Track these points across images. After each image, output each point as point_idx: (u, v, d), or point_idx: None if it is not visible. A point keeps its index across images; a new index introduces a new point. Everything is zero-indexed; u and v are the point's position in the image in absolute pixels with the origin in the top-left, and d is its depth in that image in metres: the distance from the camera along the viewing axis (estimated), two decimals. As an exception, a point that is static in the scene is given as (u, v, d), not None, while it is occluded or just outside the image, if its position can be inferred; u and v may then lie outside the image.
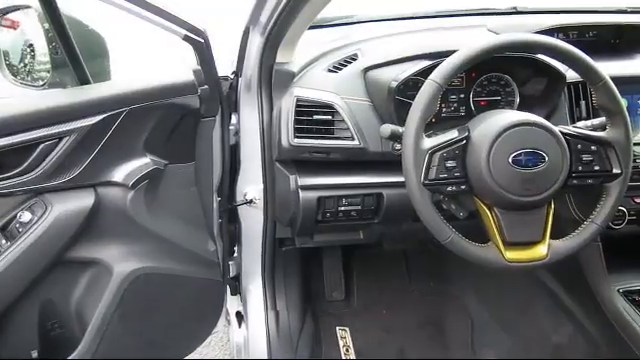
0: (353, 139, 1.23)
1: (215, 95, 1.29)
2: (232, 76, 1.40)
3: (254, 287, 1.55)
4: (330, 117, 1.23)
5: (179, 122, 1.27)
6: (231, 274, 1.60)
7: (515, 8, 1.63)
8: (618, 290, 1.34)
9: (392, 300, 1.88)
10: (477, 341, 1.76)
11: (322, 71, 1.32)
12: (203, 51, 1.22)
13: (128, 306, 1.33)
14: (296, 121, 1.22)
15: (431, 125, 1.26)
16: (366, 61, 1.29)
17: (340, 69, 1.31)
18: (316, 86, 1.27)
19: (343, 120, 1.23)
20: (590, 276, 1.37)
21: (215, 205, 1.43)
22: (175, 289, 1.43)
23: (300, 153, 1.25)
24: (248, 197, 1.41)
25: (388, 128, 1.08)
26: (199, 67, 1.24)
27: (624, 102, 1.16)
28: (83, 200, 1.20)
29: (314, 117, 1.22)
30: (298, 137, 1.22)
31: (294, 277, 1.68)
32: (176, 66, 1.31)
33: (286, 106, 1.24)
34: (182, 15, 1.16)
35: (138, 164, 1.24)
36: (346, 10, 1.63)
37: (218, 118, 1.35)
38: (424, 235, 1.05)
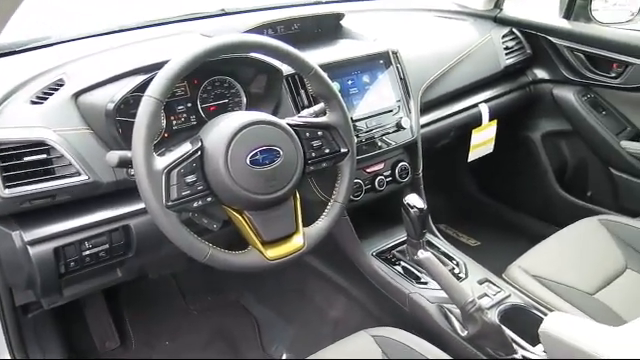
0: (80, 174, 1.08)
1: None
2: None
3: (3, 370, 1.30)
4: (45, 155, 1.06)
5: None
6: (-33, 365, 1.31)
7: (223, 10, 1.65)
8: (372, 254, 1.47)
9: (173, 328, 1.78)
10: (265, 340, 1.77)
11: (24, 104, 1.12)
12: None
13: None
14: (2, 169, 1.01)
15: (164, 141, 1.20)
16: (74, 85, 1.14)
17: (46, 98, 1.13)
18: (20, 123, 1.08)
19: (62, 156, 1.07)
20: (347, 248, 1.48)
21: None
22: None
23: (18, 204, 1.05)
24: (-35, 268, 1.15)
25: (115, 155, 0.98)
26: None
27: (336, 86, 1.26)
28: None
29: (25, 160, 1.04)
30: (10, 187, 1.01)
31: (52, 342, 1.46)
32: None
33: None
34: None
35: None
36: (41, 31, 1.45)
37: None
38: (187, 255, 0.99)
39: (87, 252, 1.14)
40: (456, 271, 1.41)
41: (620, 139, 1.81)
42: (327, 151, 1.12)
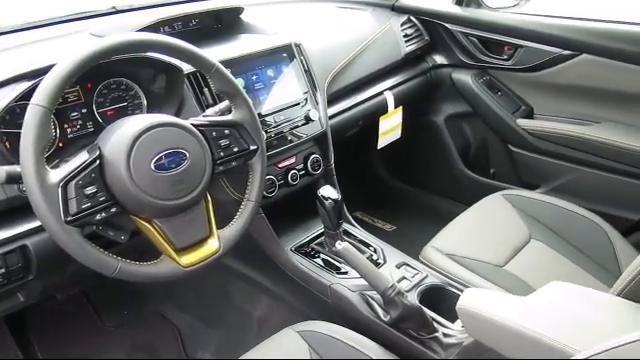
0: None
1: None
2: None
3: None
4: None
5: None
6: None
7: (115, 7, 1.56)
8: (291, 249, 1.46)
9: (88, 347, 1.67)
10: (189, 347, 1.72)
11: None
12: None
13: None
14: None
15: (58, 152, 1.12)
16: (-52, 97, 1.04)
17: None
18: None
19: None
20: (265, 246, 1.46)
21: None
22: None
23: None
24: None
25: (2, 171, 0.90)
26: None
27: (240, 82, 1.23)
28: None
29: None
30: None
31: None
32: None
33: None
34: None
35: None
36: None
37: None
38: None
39: (-20, 278, 1.04)
40: (374, 257, 1.43)
41: (516, 117, 1.92)
42: (236, 150, 1.09)
